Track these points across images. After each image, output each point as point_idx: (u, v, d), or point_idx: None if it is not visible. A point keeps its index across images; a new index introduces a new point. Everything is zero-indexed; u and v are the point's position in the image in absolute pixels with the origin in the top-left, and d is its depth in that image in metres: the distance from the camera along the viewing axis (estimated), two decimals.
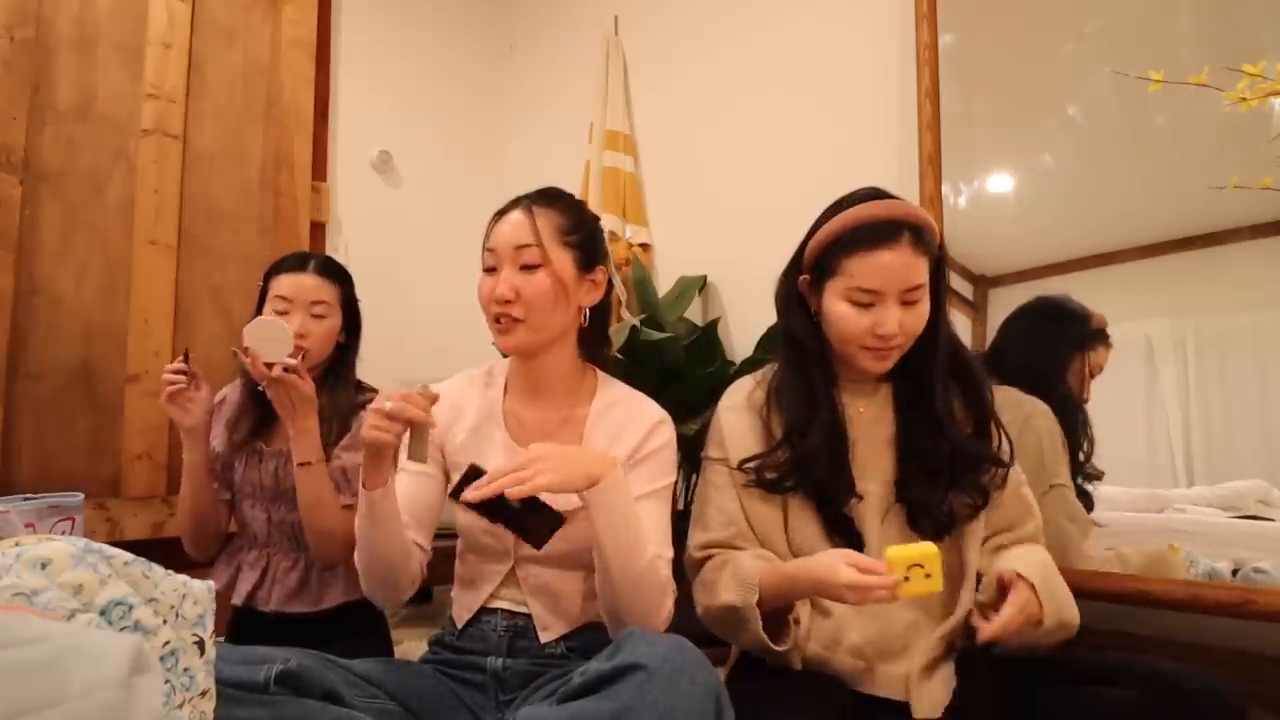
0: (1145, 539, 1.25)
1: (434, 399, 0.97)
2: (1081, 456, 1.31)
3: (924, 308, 1.01)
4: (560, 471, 0.90)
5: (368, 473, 0.96)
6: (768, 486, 1.04)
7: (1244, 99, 1.18)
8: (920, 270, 0.99)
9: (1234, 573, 1.16)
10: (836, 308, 1.02)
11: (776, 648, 0.96)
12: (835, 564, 0.89)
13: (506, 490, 0.87)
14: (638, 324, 1.65)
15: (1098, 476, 1.30)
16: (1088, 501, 1.31)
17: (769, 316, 1.73)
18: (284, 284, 1.38)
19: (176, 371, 1.32)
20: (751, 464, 1.05)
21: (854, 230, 1.00)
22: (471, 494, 0.88)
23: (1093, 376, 1.32)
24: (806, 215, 1.08)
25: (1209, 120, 1.23)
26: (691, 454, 1.48)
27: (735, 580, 0.98)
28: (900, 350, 1.02)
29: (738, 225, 2.06)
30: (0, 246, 1.84)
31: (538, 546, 0.94)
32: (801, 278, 1.08)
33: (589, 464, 0.93)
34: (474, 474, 0.91)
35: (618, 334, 1.21)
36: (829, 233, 1.03)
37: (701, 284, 2.09)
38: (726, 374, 1.73)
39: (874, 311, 0.99)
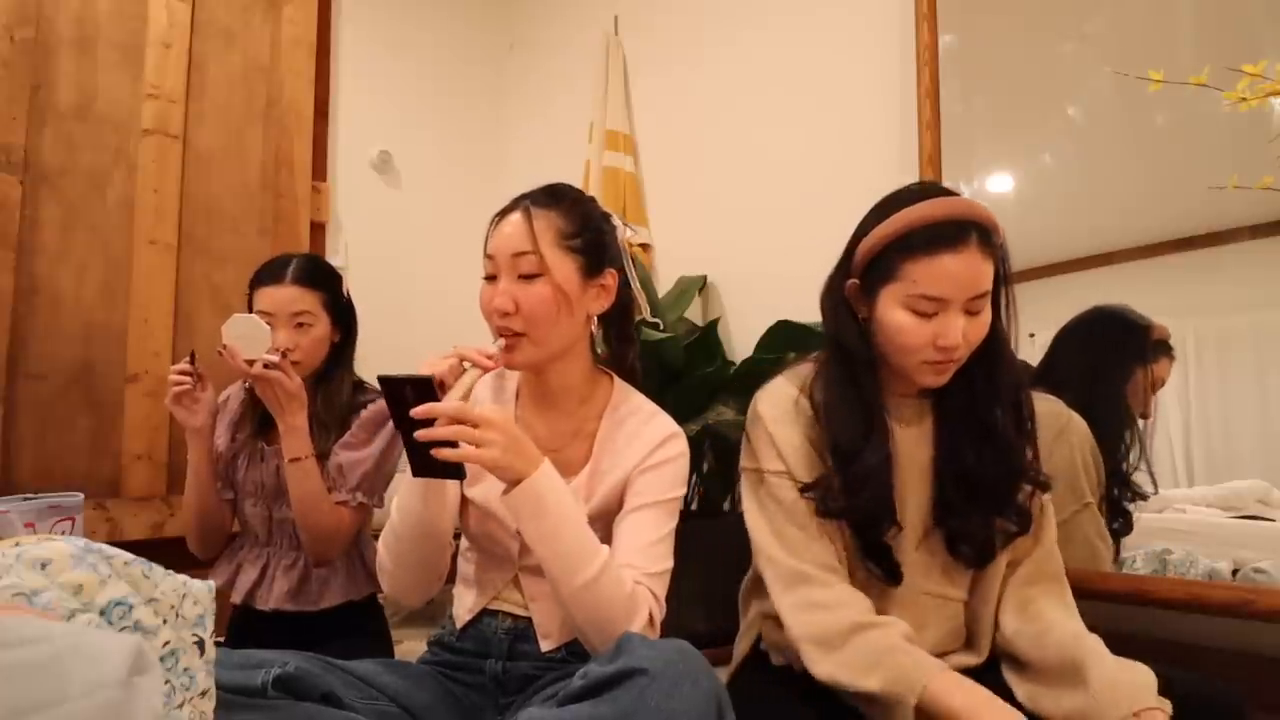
0: (1145, 539, 1.25)
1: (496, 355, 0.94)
2: (1126, 469, 1.26)
3: (987, 316, 0.92)
4: (504, 456, 0.85)
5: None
6: (824, 514, 0.96)
7: (1244, 99, 1.18)
8: (987, 276, 0.90)
9: (1234, 573, 1.16)
10: (895, 317, 0.92)
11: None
12: None
13: (440, 450, 0.82)
14: (652, 320, 1.64)
15: (1144, 496, 1.25)
16: (1127, 523, 1.27)
17: (769, 316, 1.74)
18: (264, 298, 1.36)
19: (182, 373, 1.32)
20: (812, 493, 0.96)
21: (917, 231, 0.90)
22: (421, 410, 0.82)
23: (1155, 390, 1.27)
24: (807, 215, 1.07)
25: (1209, 120, 1.22)
26: (692, 455, 1.48)
27: (893, 674, 0.85)
28: (959, 363, 0.93)
29: (738, 225, 2.06)
30: (0, 246, 1.84)
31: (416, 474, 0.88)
32: (850, 282, 0.98)
33: (524, 458, 0.87)
34: (425, 384, 0.84)
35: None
36: (886, 233, 0.92)
37: (701, 284, 2.09)
38: (726, 374, 1.73)
39: (936, 321, 0.89)
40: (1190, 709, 0.82)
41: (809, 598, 0.93)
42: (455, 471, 0.86)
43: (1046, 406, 1.25)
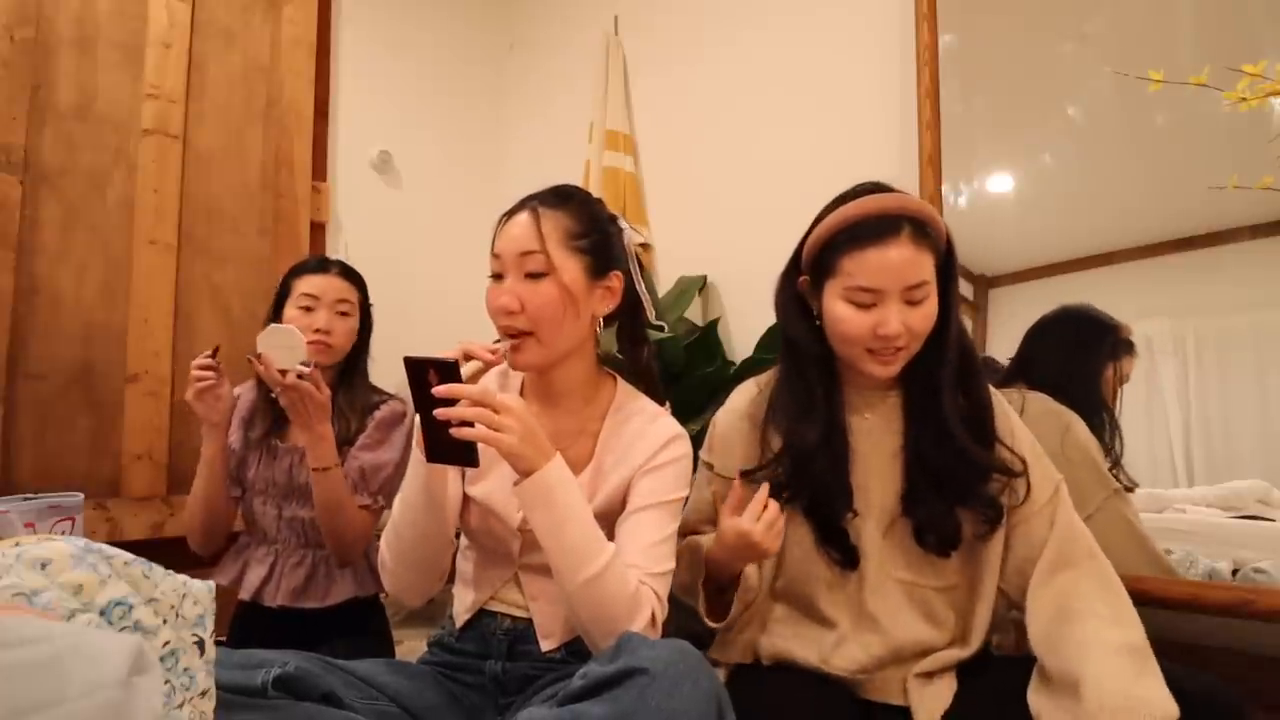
0: None
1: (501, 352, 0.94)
2: (1109, 463, 1.28)
3: (930, 307, 0.96)
4: (520, 444, 0.85)
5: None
6: (779, 500, 1.01)
7: (1244, 99, 1.18)
8: (923, 267, 0.94)
9: (1234, 573, 1.16)
10: (836, 309, 0.97)
11: (712, 624, 1.02)
12: (725, 528, 0.96)
13: (460, 429, 0.83)
14: (656, 324, 1.65)
15: (1130, 489, 1.26)
16: None
17: (769, 316, 1.73)
18: (310, 283, 1.43)
19: (203, 367, 1.32)
20: (751, 475, 1.03)
21: (850, 226, 0.96)
22: (444, 390, 0.84)
23: (1120, 385, 1.31)
24: (807, 215, 1.07)
25: (1209, 120, 1.22)
26: (692, 455, 1.48)
27: (689, 561, 1.05)
28: (907, 353, 0.97)
29: (738, 225, 2.06)
30: (0, 246, 1.84)
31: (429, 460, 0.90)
32: (801, 279, 1.05)
33: (537, 449, 0.87)
34: (449, 366, 0.85)
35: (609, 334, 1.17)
36: (825, 230, 0.99)
37: (701, 284, 2.09)
38: (727, 374, 1.74)
39: (875, 312, 0.94)
40: (1190, 708, 0.82)
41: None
42: (469, 457, 0.87)
43: (1044, 405, 1.27)
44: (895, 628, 0.99)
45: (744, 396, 1.12)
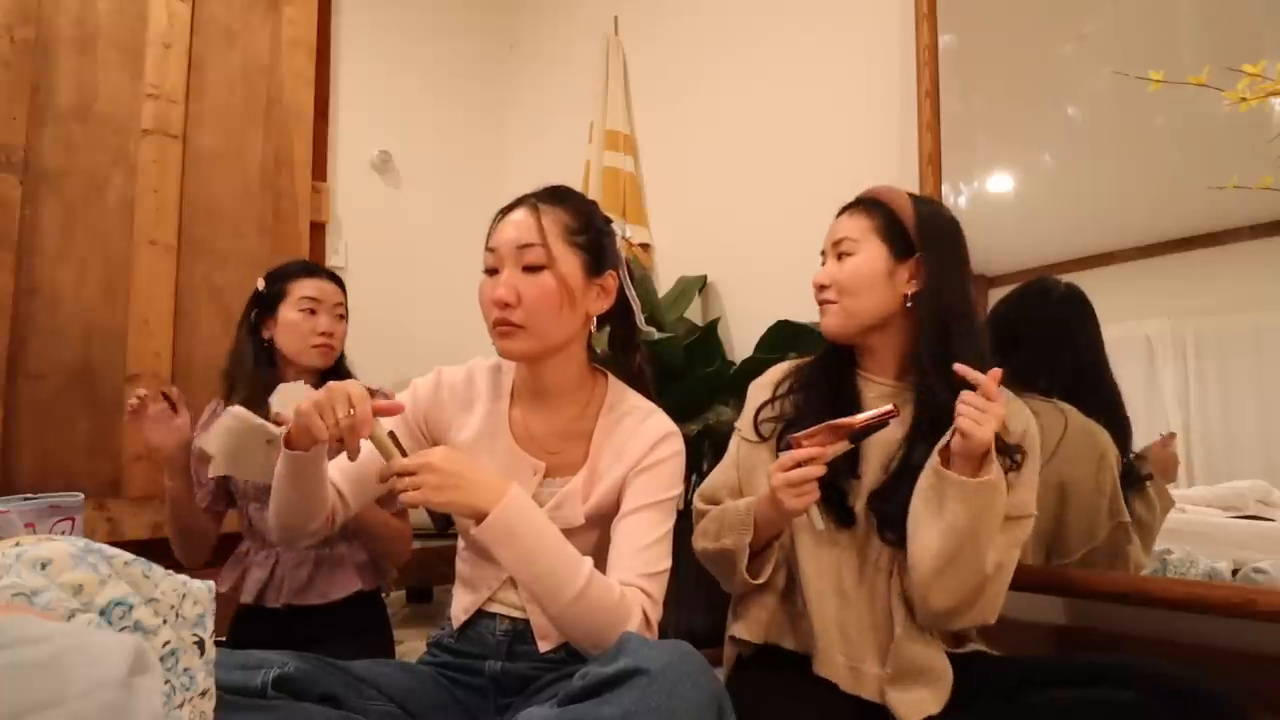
0: None
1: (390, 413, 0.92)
2: (1130, 454, 1.24)
3: (853, 262, 1.06)
4: (438, 495, 0.86)
5: (297, 433, 0.91)
6: (770, 436, 1.08)
7: (1244, 99, 1.18)
8: (851, 227, 1.07)
9: (1234, 573, 1.16)
10: None
11: (755, 581, 1.03)
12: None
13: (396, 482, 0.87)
14: (646, 330, 1.65)
15: (1149, 476, 1.23)
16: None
17: (769, 316, 1.74)
18: (310, 287, 1.47)
19: (147, 399, 1.36)
20: (760, 412, 1.11)
21: None
22: (383, 471, 0.88)
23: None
24: (806, 215, 1.08)
25: (1209, 120, 1.22)
26: (691, 456, 1.48)
27: (729, 525, 1.04)
28: (840, 309, 1.06)
29: (738, 225, 2.06)
30: (0, 247, 1.84)
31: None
32: None
33: (478, 494, 0.87)
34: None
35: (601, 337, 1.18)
36: None
37: (701, 284, 2.09)
38: (727, 374, 1.74)
39: None
40: (1190, 708, 0.82)
41: (706, 517, 1.10)
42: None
43: (1083, 425, 1.23)
44: (871, 613, 1.00)
45: (779, 373, 1.17)
